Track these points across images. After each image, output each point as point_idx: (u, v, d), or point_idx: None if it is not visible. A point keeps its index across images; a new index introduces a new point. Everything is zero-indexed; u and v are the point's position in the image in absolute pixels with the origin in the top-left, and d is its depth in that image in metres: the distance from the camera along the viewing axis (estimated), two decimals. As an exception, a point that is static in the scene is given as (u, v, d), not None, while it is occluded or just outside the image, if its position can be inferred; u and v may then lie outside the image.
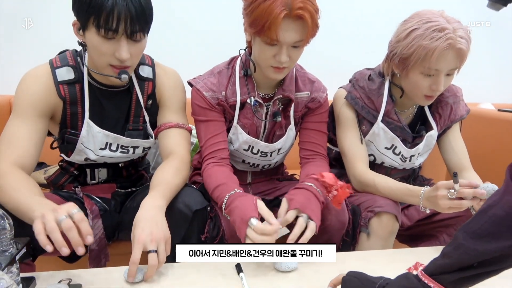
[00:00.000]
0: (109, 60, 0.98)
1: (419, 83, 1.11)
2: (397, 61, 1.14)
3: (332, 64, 2.10)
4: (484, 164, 1.74)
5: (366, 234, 1.12)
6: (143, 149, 1.20)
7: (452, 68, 1.09)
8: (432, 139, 1.28)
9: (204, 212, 1.06)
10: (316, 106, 1.25)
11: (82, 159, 1.14)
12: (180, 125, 1.17)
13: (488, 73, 2.63)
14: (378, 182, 1.18)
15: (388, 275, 0.89)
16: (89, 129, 1.09)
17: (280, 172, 1.45)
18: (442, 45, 1.03)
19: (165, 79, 1.19)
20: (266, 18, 0.97)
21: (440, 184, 0.99)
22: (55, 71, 1.06)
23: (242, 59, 1.21)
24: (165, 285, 0.87)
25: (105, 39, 0.94)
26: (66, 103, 1.07)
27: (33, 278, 0.84)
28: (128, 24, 0.92)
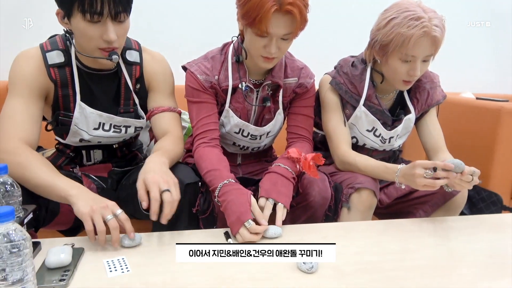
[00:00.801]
0: (97, 43, 1.02)
1: (398, 68, 1.20)
2: (378, 48, 1.22)
3: (322, 51, 2.16)
4: (463, 147, 1.85)
5: (347, 209, 1.21)
6: (135, 129, 1.26)
7: (427, 55, 1.17)
8: (410, 122, 1.37)
9: (195, 187, 1.12)
10: (303, 91, 1.33)
11: (77, 140, 1.19)
12: (172, 109, 1.24)
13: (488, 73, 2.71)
14: (359, 161, 1.27)
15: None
16: (82, 110, 1.14)
17: (269, 155, 1.52)
18: (418, 33, 1.11)
19: (154, 64, 1.23)
20: (257, 12, 1.03)
21: (418, 163, 1.07)
22: (45, 54, 1.09)
23: (235, 46, 1.28)
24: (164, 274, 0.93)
25: (91, 23, 0.98)
26: (57, 86, 1.11)
27: (39, 242, 0.90)
28: (112, 6, 0.97)
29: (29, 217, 0.86)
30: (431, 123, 1.38)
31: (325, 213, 1.20)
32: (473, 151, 1.81)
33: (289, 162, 1.16)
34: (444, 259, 0.93)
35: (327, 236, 1.03)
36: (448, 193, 1.28)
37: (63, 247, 0.85)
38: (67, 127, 1.15)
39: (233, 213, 1.00)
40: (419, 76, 1.22)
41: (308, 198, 1.17)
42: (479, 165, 1.75)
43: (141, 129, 1.29)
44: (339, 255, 0.93)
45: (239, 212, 0.99)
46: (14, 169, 0.93)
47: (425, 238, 1.04)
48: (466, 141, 1.86)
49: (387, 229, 1.10)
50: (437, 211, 1.33)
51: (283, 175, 1.12)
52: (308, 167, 1.12)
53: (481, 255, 0.96)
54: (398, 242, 1.01)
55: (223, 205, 1.04)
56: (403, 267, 0.88)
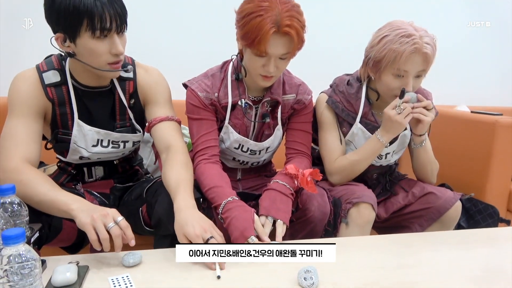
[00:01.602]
0: (107, 58, 1.05)
1: (391, 84, 1.24)
2: (371, 64, 1.27)
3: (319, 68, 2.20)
4: (459, 161, 1.88)
5: (345, 224, 1.23)
6: (133, 143, 1.27)
7: (419, 70, 1.22)
8: (406, 138, 1.40)
9: (197, 203, 1.13)
10: (301, 107, 1.36)
11: (77, 157, 1.21)
12: (170, 118, 1.22)
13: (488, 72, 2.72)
14: (349, 156, 1.35)
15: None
16: (80, 128, 1.16)
17: (268, 170, 1.55)
18: (409, 49, 1.16)
19: (147, 77, 1.24)
20: (256, 34, 1.07)
21: (386, 110, 1.22)
22: (42, 74, 1.11)
23: (234, 64, 1.31)
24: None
25: (99, 40, 1.01)
26: (55, 105, 1.13)
27: (44, 260, 0.92)
28: (118, 19, 1.01)
29: (35, 236, 0.88)
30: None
31: (325, 228, 1.22)
32: (468, 164, 1.84)
33: (287, 178, 1.19)
34: (441, 274, 0.95)
35: (326, 252, 1.05)
36: (443, 207, 1.31)
37: (69, 266, 0.86)
38: (66, 144, 1.17)
39: (236, 228, 1.02)
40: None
41: (307, 213, 1.19)
42: (475, 178, 1.81)
43: (139, 143, 1.31)
44: (339, 271, 0.94)
45: (243, 228, 1.01)
46: (16, 187, 0.93)
47: (423, 253, 1.06)
48: (462, 154, 1.89)
49: (385, 244, 1.12)
50: (432, 225, 1.36)
51: (281, 191, 1.15)
52: (306, 183, 1.14)
53: (478, 269, 0.98)
54: (396, 257, 1.03)
55: (226, 221, 1.07)
56: (402, 283, 0.90)
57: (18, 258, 0.60)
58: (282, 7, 1.07)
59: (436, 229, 1.34)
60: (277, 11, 1.06)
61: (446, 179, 1.78)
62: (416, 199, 1.38)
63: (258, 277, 0.91)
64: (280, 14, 1.06)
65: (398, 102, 1.21)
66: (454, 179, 1.84)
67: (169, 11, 2.11)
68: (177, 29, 2.14)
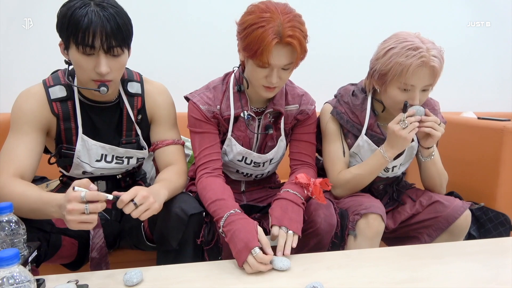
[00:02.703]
0: (90, 75, 1.04)
1: (397, 97, 1.21)
2: (377, 77, 1.24)
3: (322, 78, 2.19)
4: (467, 168, 1.84)
5: (353, 237, 1.19)
6: (137, 160, 1.26)
7: (426, 84, 1.18)
8: (413, 149, 1.37)
9: (199, 217, 1.12)
10: (304, 118, 1.34)
11: (79, 172, 1.20)
12: (176, 142, 1.25)
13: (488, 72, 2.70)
14: (353, 169, 1.31)
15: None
16: (84, 143, 1.15)
17: (273, 181, 1.52)
18: (416, 62, 1.13)
19: (156, 96, 1.24)
20: (259, 45, 1.06)
21: (390, 124, 1.18)
22: (48, 89, 1.12)
23: (236, 75, 1.30)
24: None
25: (85, 55, 1.00)
26: (60, 119, 1.13)
27: (43, 280, 0.89)
28: (104, 39, 0.98)
29: (33, 255, 0.85)
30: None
31: (332, 240, 1.19)
32: (477, 172, 1.80)
33: (297, 187, 1.16)
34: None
35: (334, 266, 1.02)
36: (451, 216, 1.28)
37: (67, 285, 0.84)
38: (69, 159, 1.17)
39: (240, 240, 0.99)
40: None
41: (314, 225, 1.16)
42: (485, 185, 1.77)
43: (143, 159, 1.30)
44: (347, 285, 0.92)
45: (247, 239, 0.99)
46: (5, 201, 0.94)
47: (434, 266, 1.02)
48: (470, 161, 1.85)
49: (394, 256, 1.08)
50: (442, 235, 1.31)
51: (292, 201, 1.12)
52: (318, 192, 1.11)
53: (492, 282, 0.94)
54: (406, 270, 1.00)
55: (228, 234, 1.03)
56: (412, 297, 0.87)
57: (11, 279, 0.58)
58: (284, 17, 1.06)
59: (445, 239, 1.30)
60: (279, 21, 1.05)
61: (455, 187, 1.74)
62: (423, 208, 1.34)
63: (263, 294, 0.88)
64: (282, 24, 1.05)
65: (403, 117, 1.17)
66: (463, 187, 1.80)
67: (169, 22, 2.12)
68: (178, 41, 2.14)
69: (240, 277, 0.97)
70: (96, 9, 0.97)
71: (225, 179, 1.25)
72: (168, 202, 1.10)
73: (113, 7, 1.01)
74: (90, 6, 0.97)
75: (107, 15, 0.98)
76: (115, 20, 0.99)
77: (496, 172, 1.70)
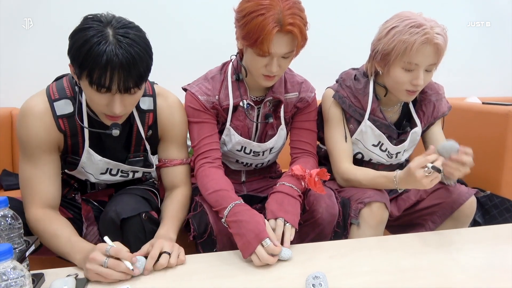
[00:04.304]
0: (103, 110, 0.97)
1: (401, 78, 1.18)
2: (379, 58, 1.21)
3: (321, 65, 2.16)
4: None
5: (356, 225, 1.18)
6: (143, 173, 1.25)
7: (430, 64, 1.15)
8: (417, 135, 1.34)
9: (137, 220, 1.05)
10: (304, 105, 1.32)
11: (83, 178, 1.19)
12: (184, 162, 1.22)
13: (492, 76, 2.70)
14: (359, 175, 1.25)
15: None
16: (89, 156, 1.11)
17: (273, 171, 1.50)
18: (420, 39, 1.10)
19: (169, 113, 1.17)
20: (259, 34, 1.03)
21: (413, 167, 1.03)
22: (53, 104, 1.04)
23: (234, 64, 1.27)
24: (168, 280, 0.91)
25: (99, 93, 0.92)
26: (67, 136, 1.07)
27: (42, 274, 0.89)
28: (122, 82, 0.90)
29: (31, 249, 0.84)
30: (436, 135, 1.35)
31: (334, 230, 1.17)
32: (482, 157, 1.77)
33: (294, 179, 1.14)
34: (458, 275, 0.90)
35: (336, 255, 1.00)
36: (456, 202, 1.26)
37: (66, 279, 0.83)
38: (74, 166, 1.14)
39: (249, 231, 0.97)
40: (422, 86, 1.20)
41: (315, 215, 1.15)
42: (490, 171, 1.74)
43: (150, 174, 1.28)
44: (350, 274, 0.90)
45: (258, 230, 0.97)
46: (39, 236, 0.97)
47: (437, 254, 1.01)
48: (475, 147, 1.80)
49: (397, 245, 1.07)
50: (446, 221, 1.29)
51: (288, 193, 1.10)
52: (314, 184, 1.10)
53: (498, 269, 0.92)
54: (409, 258, 0.98)
55: (234, 225, 1.01)
56: (415, 286, 0.85)
57: (4, 276, 0.57)
58: (284, 4, 1.03)
59: (450, 226, 1.28)
60: (278, 9, 1.02)
61: (459, 173, 1.72)
62: (427, 195, 1.32)
63: (263, 285, 0.87)
64: (282, 12, 1.02)
65: (429, 165, 1.02)
66: (468, 173, 1.78)
67: (165, 12, 2.09)
68: (174, 31, 2.12)
69: (241, 267, 0.95)
70: (116, 44, 0.87)
71: (225, 170, 1.24)
72: (108, 204, 1.10)
73: (135, 41, 0.90)
74: (108, 39, 0.87)
75: (127, 54, 0.88)
76: (134, 59, 0.89)
77: (501, 157, 1.68)
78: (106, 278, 0.85)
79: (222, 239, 1.12)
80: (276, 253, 0.95)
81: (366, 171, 1.26)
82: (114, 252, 0.86)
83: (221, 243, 1.12)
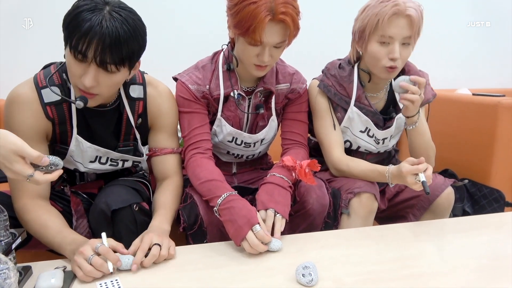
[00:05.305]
0: (77, 82, 0.95)
1: (377, 53, 1.19)
2: (357, 37, 1.23)
3: (313, 56, 2.15)
4: (462, 145, 1.83)
5: (346, 215, 1.18)
6: (133, 162, 1.23)
7: (405, 36, 1.16)
8: (402, 121, 1.35)
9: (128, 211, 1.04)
10: (295, 96, 1.31)
11: (71, 168, 1.17)
12: (174, 151, 1.21)
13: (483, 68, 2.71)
14: (351, 166, 1.26)
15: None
16: (78, 144, 1.10)
17: (265, 162, 1.50)
18: (390, 11, 1.13)
19: (158, 99, 1.16)
20: (251, 22, 1.02)
21: (404, 172, 1.07)
22: (40, 91, 1.02)
23: (225, 53, 1.26)
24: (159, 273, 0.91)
25: (76, 60, 0.91)
26: (55, 124, 1.06)
27: (30, 267, 0.88)
28: (98, 52, 0.88)
29: (17, 242, 0.83)
30: (419, 122, 1.36)
31: (324, 220, 1.18)
32: (472, 148, 1.79)
33: (284, 170, 1.14)
34: (446, 264, 0.91)
35: (326, 245, 1.01)
36: (431, 194, 1.27)
37: (54, 271, 0.83)
38: (63, 155, 1.11)
39: (242, 217, 0.97)
40: (402, 63, 1.21)
41: (306, 206, 1.15)
42: (479, 161, 1.76)
43: (139, 163, 1.26)
44: (340, 264, 0.91)
45: (250, 216, 0.98)
46: (26, 226, 0.96)
47: (423, 243, 1.02)
48: (465, 138, 1.84)
49: (385, 235, 1.07)
50: (425, 214, 1.31)
51: (279, 184, 1.10)
52: (304, 175, 1.10)
53: (484, 257, 0.94)
54: (397, 249, 0.99)
55: (225, 212, 1.01)
56: (404, 276, 0.86)
57: (-13, 268, 0.56)
58: None
59: (429, 218, 1.29)
60: None
61: (449, 164, 1.73)
62: (405, 186, 1.32)
63: (254, 275, 0.87)
64: (275, 0, 1.02)
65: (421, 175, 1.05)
66: (458, 164, 1.79)
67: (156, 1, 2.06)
68: (164, 21, 2.09)
69: (232, 258, 0.96)
70: (106, 17, 0.87)
71: (215, 161, 1.23)
72: (98, 196, 1.09)
73: (126, 20, 0.90)
74: (101, 11, 0.87)
75: (112, 27, 0.87)
76: (118, 35, 0.88)
77: (490, 148, 1.69)
78: (84, 275, 0.83)
79: (212, 230, 1.12)
80: (265, 241, 0.95)
81: (359, 162, 1.27)
82: (102, 251, 0.85)
83: (211, 234, 1.12)
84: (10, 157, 0.73)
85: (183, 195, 1.19)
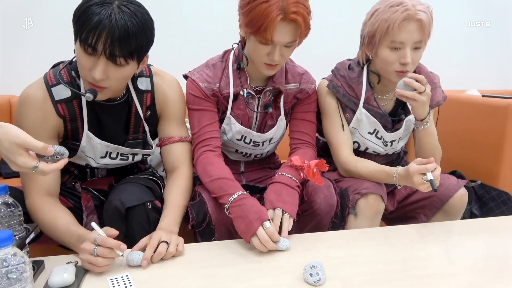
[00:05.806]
0: (86, 75, 0.97)
1: (388, 58, 1.18)
2: (367, 41, 1.22)
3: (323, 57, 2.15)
4: (471, 146, 1.82)
5: (353, 215, 1.19)
6: (143, 156, 1.24)
7: (416, 41, 1.15)
8: (411, 123, 1.35)
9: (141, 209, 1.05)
10: (304, 96, 1.31)
11: (83, 164, 1.18)
12: (183, 139, 1.21)
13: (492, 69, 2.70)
14: (359, 167, 1.26)
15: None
16: (89, 140, 1.11)
17: (272, 161, 1.50)
18: (401, 16, 1.11)
19: (167, 90, 1.18)
20: (262, 21, 1.03)
21: (411, 171, 1.05)
22: (51, 90, 1.04)
23: (235, 52, 1.27)
24: (168, 269, 0.92)
25: (86, 54, 0.93)
26: (66, 121, 1.08)
27: (42, 261, 0.90)
28: (108, 45, 0.90)
29: (31, 236, 0.85)
30: (429, 122, 1.35)
31: (332, 220, 1.18)
32: (481, 150, 1.78)
33: (292, 170, 1.15)
34: (454, 266, 0.91)
35: (333, 245, 1.01)
36: (445, 195, 1.27)
37: (66, 266, 0.84)
38: (74, 151, 1.13)
39: (252, 213, 0.99)
40: (413, 67, 1.20)
41: (313, 206, 1.16)
42: (488, 163, 1.75)
43: (148, 156, 1.27)
44: (347, 264, 0.91)
45: (261, 212, 0.99)
46: (39, 224, 0.97)
47: (431, 244, 1.02)
48: (474, 139, 1.83)
49: (393, 236, 1.08)
50: (438, 214, 1.30)
51: (287, 184, 1.11)
52: (312, 175, 1.10)
53: (493, 260, 0.93)
54: (405, 249, 0.99)
55: (236, 209, 1.02)
56: (411, 276, 0.86)
57: (5, 262, 0.57)
58: None
59: (441, 219, 1.29)
60: None
61: (458, 166, 1.72)
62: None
63: (261, 274, 0.88)
64: (287, 0, 1.02)
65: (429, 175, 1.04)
66: (466, 166, 1.79)
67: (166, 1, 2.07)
68: (174, 18, 2.10)
69: (240, 256, 0.96)
70: (114, 10, 0.89)
71: (223, 160, 1.24)
72: (111, 193, 1.10)
73: (135, 14, 0.91)
74: (110, 5, 0.90)
75: (121, 21, 0.89)
76: (126, 28, 0.90)
77: (500, 151, 1.68)
78: (98, 267, 0.85)
79: (221, 228, 1.13)
80: (275, 239, 0.96)
81: (367, 163, 1.27)
82: (101, 242, 0.86)
83: (219, 232, 1.13)
84: (14, 150, 0.74)
85: (192, 193, 1.19)
